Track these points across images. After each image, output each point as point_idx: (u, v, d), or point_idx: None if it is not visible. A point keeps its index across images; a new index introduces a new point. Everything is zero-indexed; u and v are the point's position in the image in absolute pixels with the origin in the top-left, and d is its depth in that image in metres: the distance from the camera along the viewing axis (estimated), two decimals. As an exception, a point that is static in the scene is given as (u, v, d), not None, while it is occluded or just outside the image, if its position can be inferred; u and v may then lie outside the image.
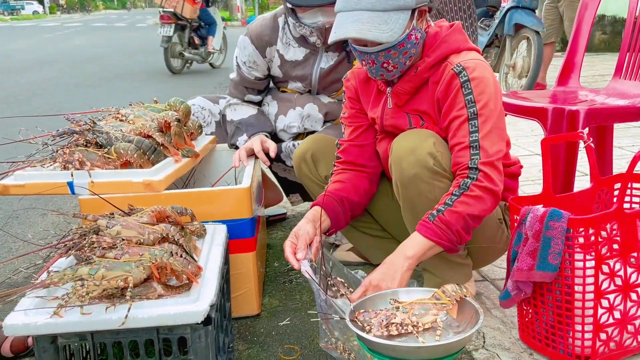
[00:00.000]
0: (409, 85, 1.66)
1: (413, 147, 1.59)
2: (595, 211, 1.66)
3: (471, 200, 1.50)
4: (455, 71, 1.57)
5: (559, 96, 2.44)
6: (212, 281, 1.29)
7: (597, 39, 9.26)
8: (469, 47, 1.65)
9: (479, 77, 1.56)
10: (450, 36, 1.64)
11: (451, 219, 1.49)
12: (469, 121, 1.55)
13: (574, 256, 1.39)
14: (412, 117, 1.70)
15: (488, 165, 1.53)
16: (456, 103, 1.57)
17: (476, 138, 1.54)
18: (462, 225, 1.51)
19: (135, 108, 1.89)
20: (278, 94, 2.30)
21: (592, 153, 1.64)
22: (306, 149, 1.94)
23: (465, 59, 1.59)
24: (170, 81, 8.17)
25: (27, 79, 8.44)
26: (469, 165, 1.53)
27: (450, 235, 1.50)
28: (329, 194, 1.74)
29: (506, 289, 1.50)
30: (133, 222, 1.34)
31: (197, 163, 1.94)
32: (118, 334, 1.17)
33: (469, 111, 1.55)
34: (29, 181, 1.62)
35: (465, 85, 1.56)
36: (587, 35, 2.52)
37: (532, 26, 5.48)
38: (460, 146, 1.56)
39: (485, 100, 1.55)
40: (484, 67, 1.60)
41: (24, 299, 1.20)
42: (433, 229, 1.50)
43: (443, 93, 1.60)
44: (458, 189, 1.52)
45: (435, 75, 1.62)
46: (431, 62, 1.62)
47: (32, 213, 2.94)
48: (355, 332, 1.29)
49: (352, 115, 1.84)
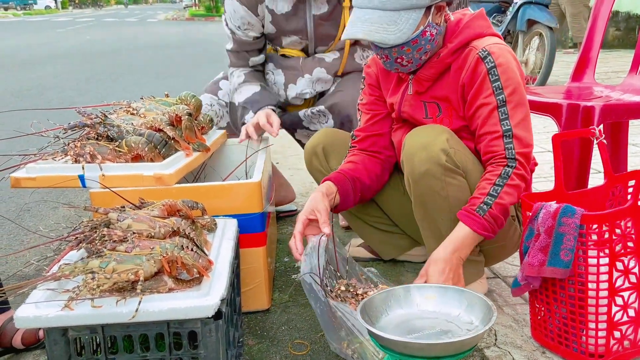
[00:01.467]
0: (431, 72, 1.64)
1: (425, 144, 1.57)
2: (609, 208, 1.64)
3: (512, 190, 1.52)
4: (481, 56, 1.56)
5: (573, 92, 2.41)
6: (222, 275, 1.28)
7: (611, 36, 9.16)
8: (492, 32, 1.63)
9: (505, 64, 1.55)
10: (473, 22, 1.63)
11: (499, 212, 1.52)
12: (498, 109, 1.54)
13: (588, 253, 1.37)
14: (428, 106, 1.68)
15: (524, 156, 1.55)
16: (483, 90, 1.56)
17: (509, 127, 1.54)
18: (504, 214, 1.53)
19: (147, 102, 1.89)
20: (280, 61, 2.29)
21: (605, 150, 1.62)
22: (317, 142, 1.93)
23: (489, 43, 1.57)
24: (181, 75, 8.19)
25: (39, 73, 8.49)
26: (507, 156, 1.53)
27: (496, 227, 1.53)
28: (342, 172, 1.74)
29: (516, 278, 1.50)
30: (144, 216, 1.34)
31: (208, 157, 1.93)
32: (128, 327, 1.17)
33: (498, 98, 1.54)
34: (40, 174, 1.62)
35: (491, 71, 1.55)
36: (603, 31, 2.49)
37: (545, 22, 5.44)
38: (493, 135, 1.55)
39: (513, 87, 1.55)
40: (509, 52, 1.59)
41: (35, 292, 1.20)
42: (484, 225, 1.51)
43: (469, 78, 1.58)
44: (500, 179, 1.52)
45: (458, 60, 1.61)
46: (454, 48, 1.60)
47: (44, 206, 2.96)
48: (367, 328, 1.28)
49: (370, 102, 1.83)
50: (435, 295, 1.44)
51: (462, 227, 1.53)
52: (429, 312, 1.42)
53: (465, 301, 1.40)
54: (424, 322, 1.39)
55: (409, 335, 1.31)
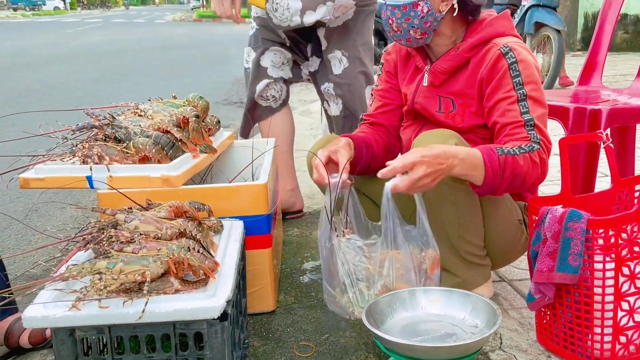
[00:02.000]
0: (448, 65, 1.65)
1: None
2: (615, 213, 1.63)
3: (531, 164, 1.48)
4: (502, 51, 1.57)
5: (580, 95, 2.41)
6: (228, 277, 1.29)
7: (619, 39, 9.13)
8: (514, 33, 1.65)
9: (526, 61, 1.56)
10: (497, 20, 1.65)
11: (512, 165, 1.45)
12: (519, 102, 1.54)
13: (594, 258, 1.37)
14: (443, 101, 1.69)
15: (546, 146, 1.52)
16: (503, 84, 1.56)
17: (531, 117, 1.52)
18: (512, 176, 1.47)
19: (154, 103, 1.90)
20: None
21: (611, 153, 1.61)
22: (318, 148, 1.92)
23: (511, 41, 1.59)
24: (189, 76, 8.22)
25: (48, 74, 8.54)
26: (532, 139, 1.50)
27: (497, 177, 1.46)
28: (356, 136, 1.75)
29: (530, 291, 1.48)
30: (151, 217, 1.35)
31: (214, 159, 1.94)
32: (135, 328, 1.18)
33: (518, 92, 1.54)
34: (48, 175, 1.63)
35: (512, 67, 1.55)
36: (610, 34, 2.49)
37: (553, 24, 5.42)
38: (515, 125, 1.53)
39: (534, 84, 1.56)
40: (530, 52, 1.60)
41: (43, 292, 1.21)
42: (494, 160, 1.44)
43: (488, 73, 1.59)
44: (527, 146, 1.48)
45: (477, 56, 1.62)
46: (474, 43, 1.62)
47: (52, 206, 2.98)
48: (372, 331, 1.29)
49: (385, 90, 1.85)
50: (440, 299, 1.44)
51: (474, 150, 1.47)
52: (434, 315, 1.42)
53: (470, 304, 1.41)
54: (429, 325, 1.39)
55: (414, 338, 1.31)
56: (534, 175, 1.50)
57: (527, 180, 1.50)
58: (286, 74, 2.54)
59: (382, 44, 6.94)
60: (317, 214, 2.70)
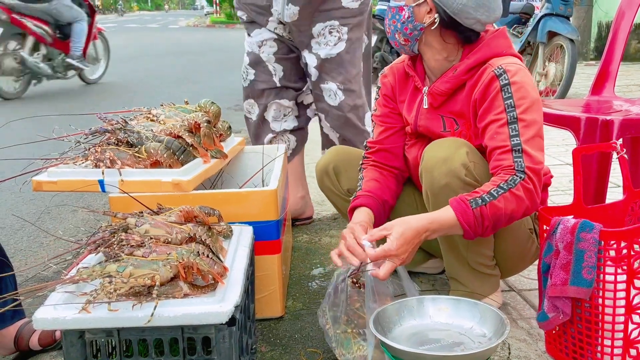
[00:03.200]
0: (446, 87, 1.64)
1: (445, 157, 1.56)
2: (628, 224, 1.62)
3: (514, 200, 1.46)
4: (496, 73, 1.54)
5: (592, 105, 2.39)
6: (237, 282, 1.29)
7: (633, 48, 9.06)
8: (512, 52, 1.62)
9: (520, 82, 1.53)
10: (493, 40, 1.62)
11: (490, 214, 1.45)
12: (509, 125, 1.51)
13: (605, 269, 1.36)
14: (446, 120, 1.68)
15: (534, 172, 1.48)
16: (495, 106, 1.53)
17: (519, 142, 1.49)
18: (494, 221, 1.47)
19: (166, 108, 1.91)
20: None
21: (625, 164, 1.60)
22: (328, 161, 1.91)
23: (506, 62, 1.56)
24: (201, 82, 8.26)
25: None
26: (516, 168, 1.48)
27: (479, 228, 1.47)
28: (372, 195, 1.73)
29: (542, 309, 1.44)
30: (161, 221, 1.36)
31: (225, 164, 1.95)
32: (144, 332, 1.19)
33: (509, 115, 1.51)
34: (61, 178, 1.65)
35: (505, 88, 1.53)
36: (624, 43, 2.47)
37: (567, 34, 5.40)
38: (502, 150, 1.51)
39: (526, 106, 1.52)
40: (526, 73, 1.57)
41: (54, 294, 1.22)
42: (470, 217, 1.45)
43: (481, 94, 1.57)
44: (506, 184, 1.46)
45: (473, 77, 1.60)
46: (470, 65, 1.60)
47: (64, 209, 3.00)
48: (380, 338, 1.29)
49: (384, 115, 1.83)
50: (449, 307, 1.44)
51: (447, 211, 1.47)
52: (442, 323, 1.42)
53: (478, 314, 1.40)
54: (436, 334, 1.39)
55: (421, 347, 1.31)
56: (521, 209, 1.48)
57: (514, 215, 1.49)
58: (289, 125, 2.56)
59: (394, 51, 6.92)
60: (326, 220, 2.70)
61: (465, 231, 1.47)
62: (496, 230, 1.53)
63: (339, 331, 1.51)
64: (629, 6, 2.50)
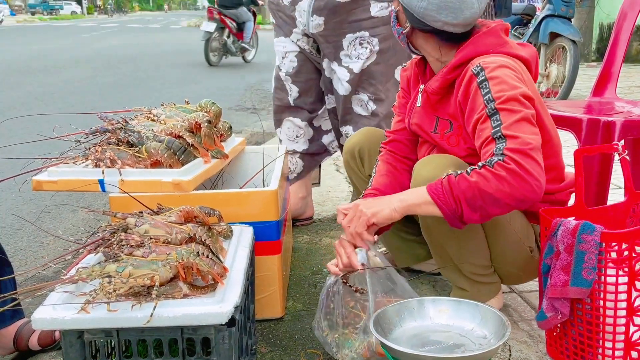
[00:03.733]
0: (436, 85, 1.62)
1: (430, 179, 1.49)
2: (629, 226, 1.61)
3: (490, 176, 1.34)
4: (474, 72, 1.49)
5: (594, 107, 2.39)
6: (237, 283, 1.29)
7: (635, 50, 9.06)
8: (501, 50, 1.55)
9: (498, 76, 1.45)
10: (481, 38, 1.56)
11: (459, 184, 1.37)
12: (490, 118, 1.43)
13: (606, 271, 1.35)
14: (440, 122, 1.66)
15: (518, 153, 1.34)
16: (476, 104, 1.48)
17: (498, 129, 1.39)
18: (468, 195, 1.36)
19: (167, 108, 1.91)
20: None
21: (627, 166, 1.60)
22: (355, 143, 1.92)
23: (487, 60, 1.50)
24: (202, 82, 8.26)
25: (63, 78, 8.63)
26: (495, 152, 1.38)
27: (449, 199, 1.38)
28: (379, 193, 1.72)
29: (542, 309, 1.44)
30: (161, 221, 1.36)
31: (226, 164, 1.95)
32: (143, 332, 1.18)
33: (489, 108, 1.44)
34: (61, 177, 1.65)
35: (482, 85, 1.46)
36: (626, 45, 2.47)
37: (569, 35, 5.40)
38: (486, 143, 1.43)
39: (506, 97, 1.42)
40: (508, 66, 1.48)
41: (53, 294, 1.22)
42: (436, 187, 1.40)
43: (463, 95, 1.53)
44: (482, 163, 1.38)
45: (459, 78, 1.57)
46: (455, 63, 1.56)
47: (64, 209, 3.00)
48: (380, 340, 1.28)
49: (401, 106, 1.85)
50: (449, 309, 1.43)
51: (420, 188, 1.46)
52: (443, 325, 1.41)
53: (479, 315, 1.39)
54: (437, 336, 1.38)
55: (421, 348, 1.30)
56: (505, 188, 1.34)
57: (494, 194, 1.35)
58: (299, 147, 2.56)
59: None
60: (327, 221, 2.70)
61: (437, 204, 1.39)
62: (482, 212, 1.39)
63: (337, 335, 1.51)
64: (631, 7, 2.50)
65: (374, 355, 1.46)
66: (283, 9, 2.41)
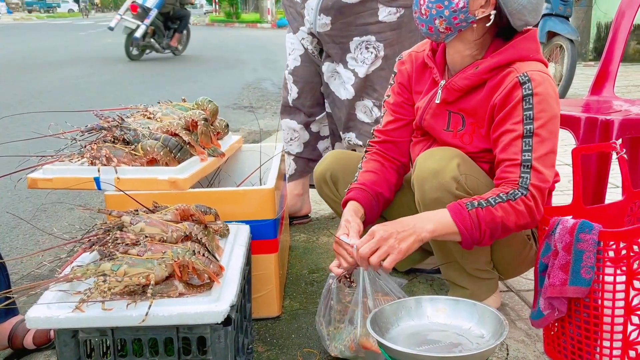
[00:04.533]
0: (464, 83, 1.57)
1: (437, 170, 1.53)
2: (627, 224, 1.61)
3: (513, 211, 1.44)
4: (520, 80, 1.48)
5: (592, 105, 2.39)
6: (233, 281, 1.28)
7: (632, 49, 9.08)
8: (538, 57, 1.56)
9: (543, 94, 1.47)
10: (521, 42, 1.55)
11: (487, 217, 1.43)
12: (523, 139, 1.47)
13: (604, 270, 1.35)
14: (452, 117, 1.63)
15: (538, 190, 1.46)
16: (513, 116, 1.49)
17: (529, 158, 1.46)
18: (491, 228, 1.44)
19: (164, 106, 1.90)
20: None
21: (625, 164, 1.59)
22: (325, 169, 1.86)
23: (532, 69, 1.50)
24: (199, 80, 8.25)
25: (60, 76, 8.60)
26: (520, 184, 1.46)
27: (476, 232, 1.44)
28: (366, 188, 1.69)
29: (538, 307, 1.44)
30: (157, 220, 1.35)
31: (222, 162, 1.94)
32: (138, 331, 1.17)
33: (525, 128, 1.47)
34: (56, 175, 1.63)
35: (526, 99, 1.47)
36: (623, 44, 2.47)
37: (567, 34, 5.40)
38: (511, 162, 1.48)
39: (545, 120, 1.47)
40: (550, 83, 1.51)
41: (47, 293, 1.21)
42: (465, 217, 1.43)
43: (502, 100, 1.51)
44: (506, 195, 1.45)
45: (495, 79, 1.54)
46: (494, 64, 1.53)
47: (59, 207, 2.99)
48: (377, 339, 1.27)
49: (396, 104, 1.77)
50: (447, 308, 1.43)
51: (443, 211, 1.46)
52: (440, 324, 1.41)
53: (476, 314, 1.39)
54: (434, 335, 1.38)
55: (419, 348, 1.30)
56: (519, 222, 1.46)
57: (511, 227, 1.46)
58: (293, 150, 2.56)
59: None
60: (324, 220, 2.69)
61: (463, 235, 1.44)
62: (493, 240, 1.50)
63: (331, 328, 1.52)
64: (629, 6, 2.49)
65: (359, 348, 1.46)
66: (294, 4, 2.40)
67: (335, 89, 2.38)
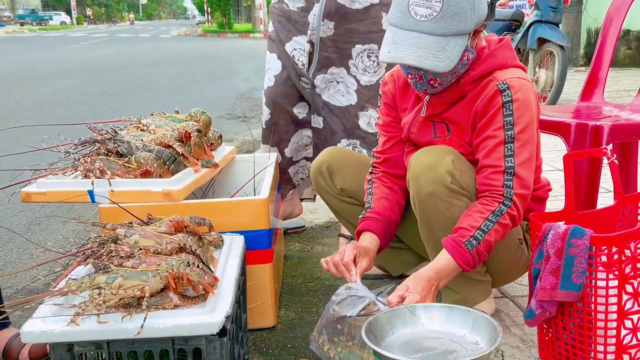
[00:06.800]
0: (449, 97, 1.62)
1: (431, 164, 1.56)
2: (619, 229, 1.62)
3: (501, 229, 1.53)
4: (500, 88, 1.53)
5: (582, 111, 2.40)
6: (228, 292, 1.28)
7: (622, 54, 9.15)
8: (516, 64, 1.60)
9: (522, 99, 1.53)
10: (498, 51, 1.59)
11: (485, 249, 1.53)
12: (505, 144, 1.53)
13: (597, 275, 1.36)
14: (437, 126, 1.67)
15: (521, 198, 1.54)
16: (494, 122, 1.54)
17: (512, 164, 1.52)
18: (488, 252, 1.54)
19: (157, 118, 1.90)
20: None
21: (616, 170, 1.61)
22: (322, 161, 1.92)
23: (511, 77, 1.55)
24: (192, 91, 8.26)
25: (53, 88, 8.59)
26: (505, 194, 1.52)
27: (478, 264, 1.55)
28: (380, 217, 1.73)
29: (530, 307, 1.46)
30: (151, 232, 1.35)
31: (216, 173, 1.95)
32: (134, 344, 1.17)
33: (507, 134, 1.53)
34: (50, 189, 1.64)
35: (507, 105, 1.53)
36: (612, 49, 2.49)
37: (557, 40, 5.44)
38: (494, 169, 1.54)
39: (524, 125, 1.53)
40: (529, 88, 1.56)
41: (42, 306, 1.21)
42: (468, 260, 1.52)
43: (483, 108, 1.56)
44: (493, 215, 1.52)
45: (476, 89, 1.58)
46: (475, 76, 1.58)
47: (54, 220, 2.98)
48: (372, 347, 1.28)
49: (386, 124, 1.82)
50: (441, 315, 1.43)
51: (446, 257, 1.52)
52: (435, 331, 1.41)
53: (470, 321, 1.39)
54: (429, 342, 1.38)
55: (414, 355, 1.30)
56: (506, 231, 1.57)
57: (499, 239, 1.57)
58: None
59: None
60: (318, 229, 2.69)
61: (466, 270, 1.55)
62: None
63: (339, 349, 1.48)
64: (616, 12, 2.52)
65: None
66: (287, 13, 2.38)
67: (330, 98, 2.37)
